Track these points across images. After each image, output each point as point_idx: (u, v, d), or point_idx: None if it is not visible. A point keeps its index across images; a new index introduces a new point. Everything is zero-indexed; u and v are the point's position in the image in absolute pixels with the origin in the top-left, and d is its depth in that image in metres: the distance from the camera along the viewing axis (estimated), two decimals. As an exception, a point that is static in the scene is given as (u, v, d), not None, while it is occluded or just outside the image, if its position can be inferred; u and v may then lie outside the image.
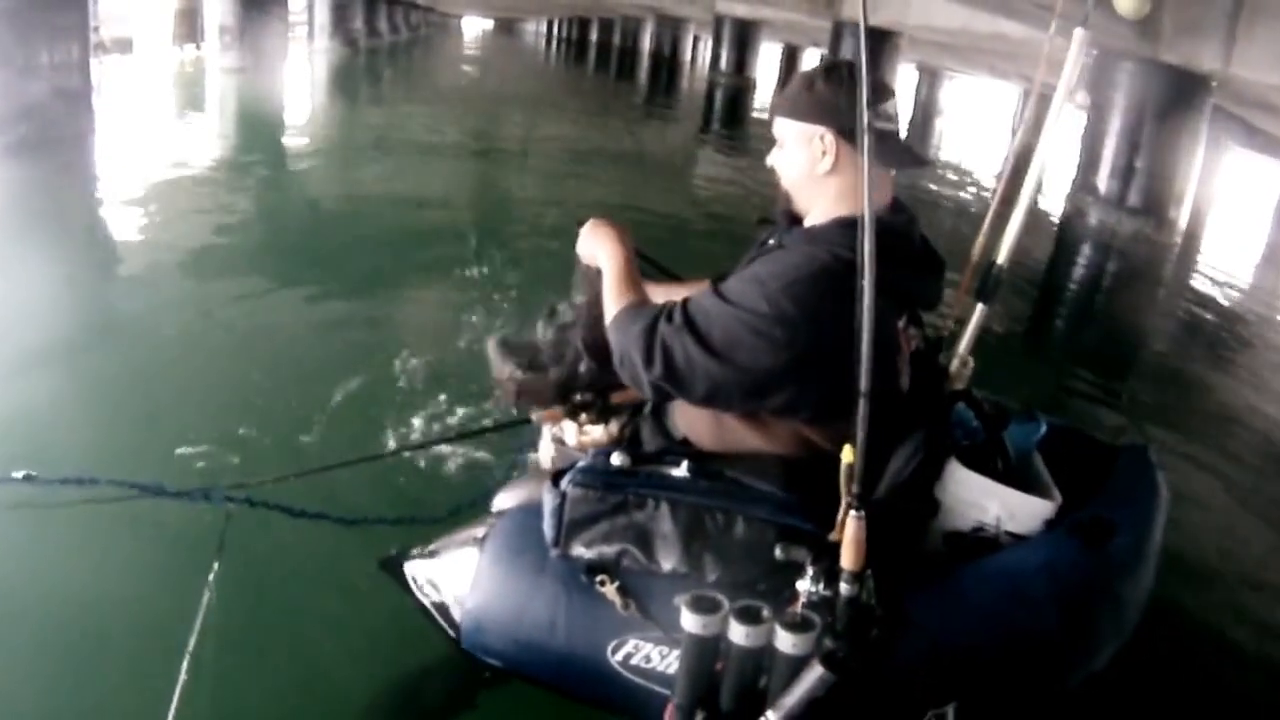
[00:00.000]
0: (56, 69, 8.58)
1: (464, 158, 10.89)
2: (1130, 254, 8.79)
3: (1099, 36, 8.49)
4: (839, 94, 1.83)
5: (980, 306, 2.39)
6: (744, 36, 23.47)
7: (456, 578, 1.90)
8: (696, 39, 32.10)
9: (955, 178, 14.09)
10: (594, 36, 42.70)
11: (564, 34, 49.56)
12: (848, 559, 1.52)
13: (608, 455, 1.86)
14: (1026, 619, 1.81)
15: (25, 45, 8.20)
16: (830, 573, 1.56)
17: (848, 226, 1.80)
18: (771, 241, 1.96)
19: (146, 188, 7.09)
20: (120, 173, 7.72)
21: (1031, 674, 1.82)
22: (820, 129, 1.85)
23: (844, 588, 1.52)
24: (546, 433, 2.30)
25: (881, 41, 15.67)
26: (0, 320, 4.06)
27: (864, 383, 1.50)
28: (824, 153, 1.86)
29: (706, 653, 1.55)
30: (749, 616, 1.51)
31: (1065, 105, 2.44)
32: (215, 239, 5.91)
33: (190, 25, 18.66)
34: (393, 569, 2.01)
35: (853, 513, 1.52)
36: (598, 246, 2.03)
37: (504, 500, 2.11)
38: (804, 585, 1.59)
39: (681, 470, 1.83)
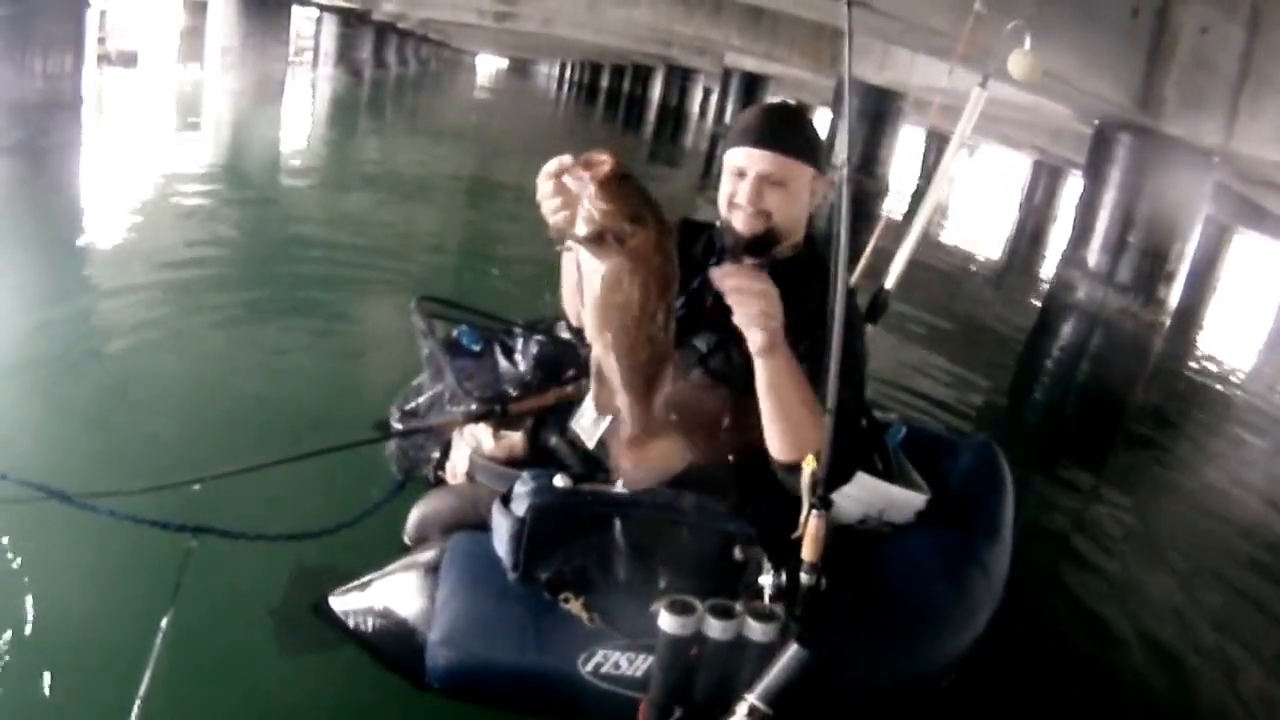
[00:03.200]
0: (49, 79, 8.53)
1: (454, 197, 10.71)
2: (1114, 330, 8.64)
3: (1100, 106, 8.39)
4: None
5: (868, 327, 2.63)
6: (751, 91, 23.44)
7: (408, 609, 1.91)
8: (707, 92, 32.10)
9: (956, 246, 14.07)
10: (605, 83, 42.92)
11: (576, 78, 49.95)
12: (809, 552, 1.66)
13: (550, 477, 1.92)
14: (926, 593, 2.12)
15: (18, 54, 8.14)
16: (789, 566, 1.69)
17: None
18: (755, 263, 1.99)
19: (123, 202, 7.00)
20: (100, 186, 7.66)
21: (940, 638, 2.10)
22: (822, 175, 2.01)
23: (804, 578, 1.67)
24: (458, 440, 2.34)
25: (886, 102, 15.43)
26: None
27: (831, 400, 1.65)
28: (813, 193, 2.02)
29: (682, 651, 1.66)
30: (723, 612, 1.64)
31: (960, 150, 2.91)
32: (183, 258, 5.78)
33: (195, 44, 18.65)
34: (322, 610, 2.00)
35: (815, 512, 1.66)
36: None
37: (426, 515, 2.16)
38: (766, 579, 1.72)
39: (619, 487, 1.88)
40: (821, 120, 22.22)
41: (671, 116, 30.08)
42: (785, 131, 1.98)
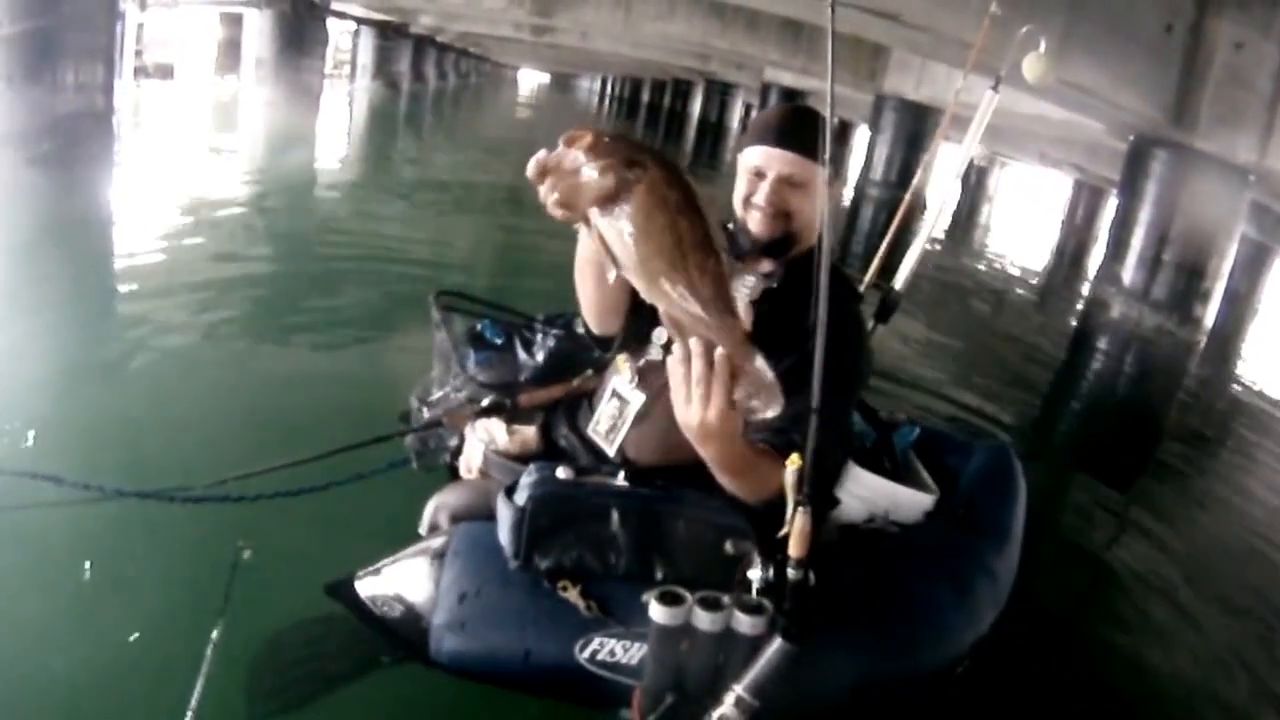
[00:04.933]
0: (81, 89, 8.59)
1: (489, 206, 10.68)
2: (1150, 348, 8.49)
3: (1133, 121, 8.25)
4: None
5: (879, 327, 2.83)
6: (789, 106, 23.30)
7: (416, 593, 1.98)
8: (748, 107, 31.98)
9: (998, 264, 13.99)
10: (645, 97, 43.03)
11: (617, 93, 50.09)
12: (795, 548, 1.67)
13: (553, 469, 1.97)
14: (926, 593, 2.12)
15: (52, 65, 8.20)
16: (778, 561, 1.70)
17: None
18: (768, 278, 2.02)
19: (153, 211, 7.08)
20: (130, 194, 7.75)
21: (935, 639, 2.10)
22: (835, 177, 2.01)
23: (791, 573, 1.68)
24: (471, 436, 2.40)
25: (923, 119, 15.19)
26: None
27: (815, 399, 1.67)
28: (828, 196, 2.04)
29: (673, 641, 1.70)
30: (711, 605, 1.69)
31: (969, 154, 2.98)
32: (216, 266, 5.86)
33: (232, 56, 18.81)
34: (341, 592, 2.05)
35: (801, 509, 1.66)
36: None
37: (440, 506, 2.23)
38: (755, 573, 1.74)
39: (620, 480, 1.97)
40: (860, 138, 22.23)
41: (711, 131, 30.04)
42: (806, 132, 1.99)
